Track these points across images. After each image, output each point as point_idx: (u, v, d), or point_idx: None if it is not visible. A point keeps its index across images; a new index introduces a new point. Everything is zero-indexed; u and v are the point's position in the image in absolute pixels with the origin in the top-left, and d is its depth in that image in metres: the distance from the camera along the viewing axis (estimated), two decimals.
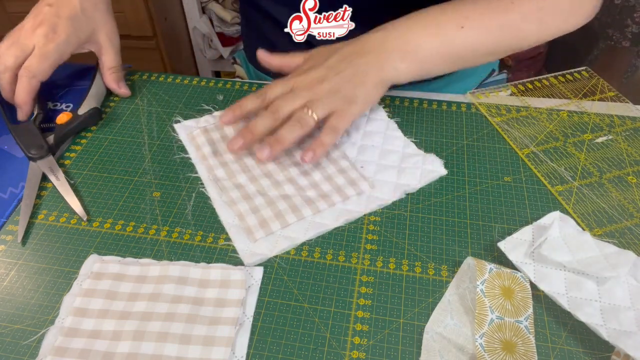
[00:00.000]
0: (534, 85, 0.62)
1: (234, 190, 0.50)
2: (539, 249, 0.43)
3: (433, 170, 0.52)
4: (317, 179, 0.51)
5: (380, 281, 0.44)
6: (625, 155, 0.54)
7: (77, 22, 0.58)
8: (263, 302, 0.42)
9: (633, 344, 0.37)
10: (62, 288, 0.44)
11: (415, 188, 0.50)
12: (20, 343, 0.40)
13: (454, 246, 0.46)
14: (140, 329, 0.40)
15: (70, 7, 0.58)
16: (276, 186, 0.50)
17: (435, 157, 0.53)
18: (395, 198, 0.49)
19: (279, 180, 0.51)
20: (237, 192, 0.50)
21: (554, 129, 0.57)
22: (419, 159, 0.52)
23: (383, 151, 0.54)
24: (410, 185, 0.50)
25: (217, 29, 1.66)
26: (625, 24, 1.29)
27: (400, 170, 0.52)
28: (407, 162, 0.52)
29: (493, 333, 0.39)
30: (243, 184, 0.50)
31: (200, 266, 0.44)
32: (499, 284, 0.41)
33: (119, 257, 0.46)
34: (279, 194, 0.49)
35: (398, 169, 0.52)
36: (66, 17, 0.57)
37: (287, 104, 0.50)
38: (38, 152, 0.53)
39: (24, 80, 0.55)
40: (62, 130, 0.56)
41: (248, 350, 0.39)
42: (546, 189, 0.51)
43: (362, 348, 0.39)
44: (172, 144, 0.56)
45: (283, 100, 0.50)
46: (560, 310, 0.41)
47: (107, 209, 0.50)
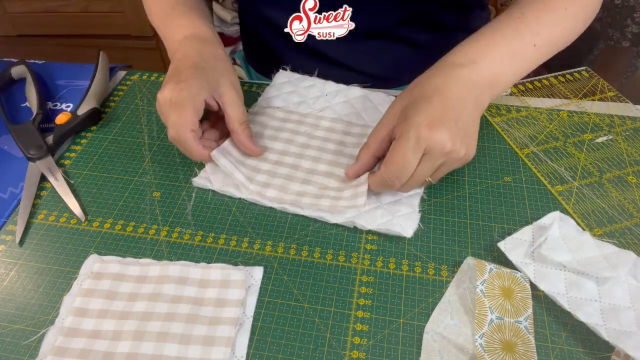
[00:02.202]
0: (534, 85, 0.62)
1: (302, 198, 0.49)
2: (539, 249, 0.43)
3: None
4: (354, 153, 0.52)
5: (380, 281, 0.44)
6: (625, 155, 0.54)
7: (201, 70, 0.52)
8: (263, 302, 0.42)
9: (633, 344, 0.37)
10: (62, 288, 0.44)
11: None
12: (20, 343, 0.40)
13: (454, 246, 0.46)
14: (140, 329, 0.40)
15: (190, 60, 0.52)
16: (330, 176, 0.51)
17: None
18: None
19: (326, 170, 0.52)
20: (306, 198, 0.49)
21: (554, 129, 0.57)
22: None
23: None
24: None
25: (217, 29, 1.66)
26: (625, 24, 1.29)
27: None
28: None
29: (493, 333, 0.39)
30: (302, 190, 0.50)
31: (200, 266, 0.44)
32: (498, 284, 0.41)
33: (119, 257, 0.45)
34: (337, 182, 0.51)
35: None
36: (188, 67, 0.51)
37: (423, 172, 0.45)
38: (37, 153, 0.53)
39: (178, 145, 0.50)
40: (61, 130, 0.56)
41: (248, 350, 0.39)
42: (546, 189, 0.51)
43: (362, 348, 0.39)
44: (172, 144, 0.56)
45: (419, 174, 0.45)
46: (560, 310, 0.41)
47: (107, 209, 0.50)
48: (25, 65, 0.64)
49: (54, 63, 0.68)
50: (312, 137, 0.56)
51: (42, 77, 0.65)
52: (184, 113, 0.48)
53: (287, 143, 0.55)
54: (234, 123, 0.52)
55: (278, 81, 0.63)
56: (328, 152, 0.54)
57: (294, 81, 0.63)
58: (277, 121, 0.58)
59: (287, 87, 0.62)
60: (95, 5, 1.44)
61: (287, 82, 0.63)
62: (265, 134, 0.56)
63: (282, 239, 0.47)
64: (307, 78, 0.63)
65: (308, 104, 0.60)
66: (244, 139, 0.52)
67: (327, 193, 0.49)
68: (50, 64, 0.68)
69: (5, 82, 0.64)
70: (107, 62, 0.65)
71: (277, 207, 0.49)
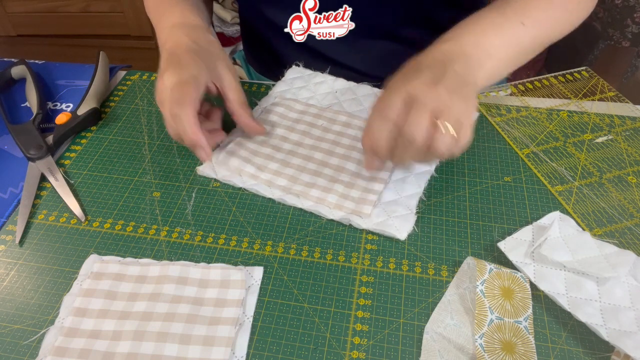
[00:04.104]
0: (534, 85, 0.62)
1: (310, 190, 0.50)
2: (539, 249, 0.43)
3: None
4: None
5: (380, 281, 0.44)
6: (625, 155, 0.54)
7: (198, 54, 0.51)
8: (263, 302, 0.42)
9: (633, 344, 0.37)
10: (62, 288, 0.44)
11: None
12: (20, 343, 0.40)
13: (454, 246, 0.46)
14: (140, 329, 0.40)
15: (185, 45, 0.52)
16: (340, 170, 0.52)
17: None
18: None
19: (337, 164, 0.52)
20: (314, 190, 0.49)
21: (554, 129, 0.57)
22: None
23: None
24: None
25: (217, 29, 1.66)
26: (625, 24, 1.28)
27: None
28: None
29: (493, 333, 0.39)
30: (310, 181, 0.51)
31: (200, 266, 0.44)
32: (498, 284, 0.41)
33: (119, 257, 0.45)
34: (349, 175, 0.51)
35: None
36: (184, 51, 0.51)
37: (419, 127, 0.42)
38: (37, 153, 0.53)
39: (176, 119, 0.48)
40: (61, 130, 0.56)
41: (248, 350, 0.39)
42: (546, 189, 0.51)
43: (362, 348, 0.39)
44: (172, 144, 0.56)
45: (413, 126, 0.42)
46: (560, 310, 0.41)
47: (107, 209, 0.50)
48: (25, 65, 0.64)
49: (54, 63, 0.68)
50: (328, 131, 0.56)
51: (42, 77, 0.65)
52: (187, 90, 0.48)
53: (303, 135, 0.56)
54: (234, 105, 0.52)
55: (289, 76, 0.63)
56: (342, 146, 0.55)
57: (305, 77, 0.63)
58: (295, 113, 0.58)
59: (298, 82, 0.63)
60: (95, 5, 1.44)
61: (299, 77, 0.63)
62: (283, 124, 0.57)
63: (282, 239, 0.47)
64: (318, 74, 0.63)
65: (317, 99, 0.60)
66: (246, 120, 0.53)
67: (335, 187, 0.50)
68: (50, 64, 0.68)
69: (5, 82, 0.64)
70: (107, 62, 0.65)
71: (276, 198, 0.50)
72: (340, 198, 0.49)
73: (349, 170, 0.52)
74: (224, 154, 0.53)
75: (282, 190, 0.50)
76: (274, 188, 0.50)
